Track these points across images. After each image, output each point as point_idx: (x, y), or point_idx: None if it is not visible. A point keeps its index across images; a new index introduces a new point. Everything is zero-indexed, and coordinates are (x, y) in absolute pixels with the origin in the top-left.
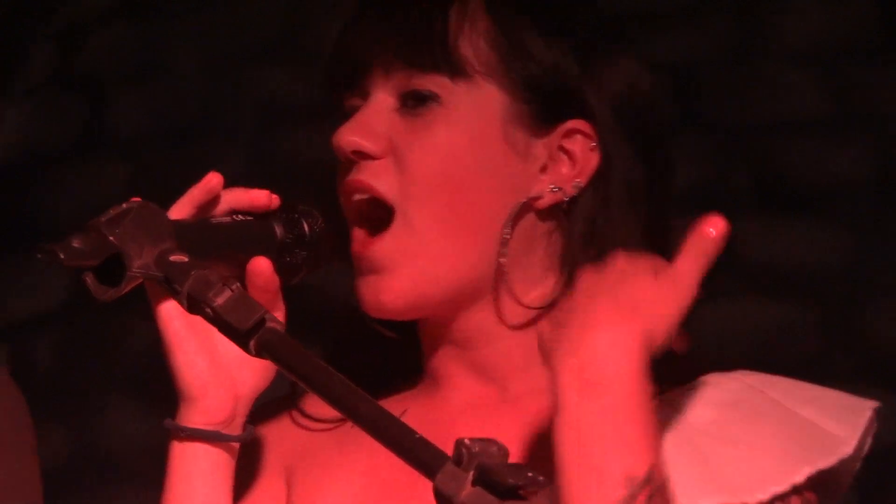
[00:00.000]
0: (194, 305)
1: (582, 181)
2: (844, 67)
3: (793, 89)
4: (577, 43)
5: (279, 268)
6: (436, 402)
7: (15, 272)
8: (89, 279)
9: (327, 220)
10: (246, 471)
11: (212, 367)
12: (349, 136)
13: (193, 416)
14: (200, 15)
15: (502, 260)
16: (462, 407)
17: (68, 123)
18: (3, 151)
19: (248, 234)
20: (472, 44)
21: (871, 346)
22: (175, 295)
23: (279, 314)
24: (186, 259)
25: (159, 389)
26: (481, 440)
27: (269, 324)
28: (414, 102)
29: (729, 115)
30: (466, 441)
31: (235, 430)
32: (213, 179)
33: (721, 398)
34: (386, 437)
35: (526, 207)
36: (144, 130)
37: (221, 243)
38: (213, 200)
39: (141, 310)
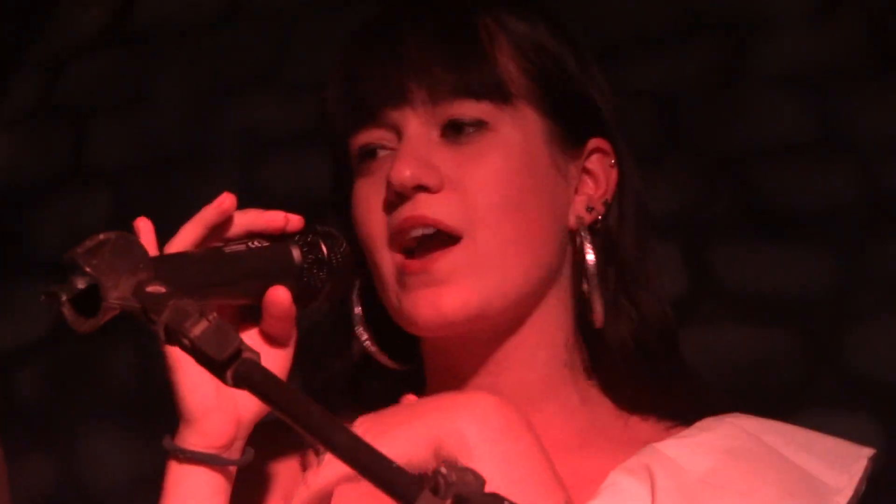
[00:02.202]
0: (171, 336)
1: (609, 198)
2: (827, 92)
3: (776, 114)
4: (577, 55)
5: (297, 294)
6: None
7: None
8: (66, 310)
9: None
10: (246, 496)
11: (215, 391)
12: (411, 171)
13: (193, 438)
14: (184, 45)
15: (561, 286)
16: None
17: (52, 153)
18: None
19: (265, 261)
20: (505, 68)
21: (852, 372)
22: (152, 325)
23: (291, 343)
24: (164, 290)
25: (141, 418)
26: (458, 468)
27: (246, 354)
28: (460, 131)
29: (712, 140)
30: (443, 469)
31: (235, 453)
32: (227, 201)
33: (717, 445)
34: (362, 467)
35: (568, 228)
36: (128, 160)
37: (237, 273)
38: (226, 222)
39: (123, 339)
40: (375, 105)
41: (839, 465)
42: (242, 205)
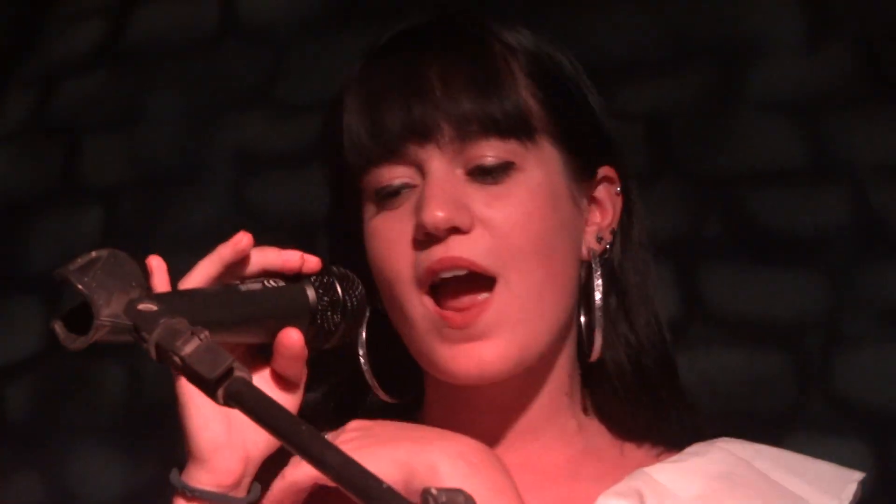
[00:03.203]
0: (162, 354)
1: (615, 226)
2: (819, 117)
3: (768, 138)
4: (584, 84)
5: (310, 335)
6: None
7: None
8: (58, 327)
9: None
10: None
11: (226, 429)
12: (444, 213)
13: (203, 477)
14: (176, 64)
15: (579, 318)
16: None
17: (44, 170)
18: None
19: (280, 301)
20: (526, 103)
21: (843, 396)
22: (143, 343)
23: (301, 383)
24: (155, 307)
25: (132, 436)
26: (448, 490)
27: (237, 373)
28: (488, 171)
29: (704, 164)
30: (433, 490)
31: (242, 491)
32: (244, 240)
33: (707, 470)
34: (352, 486)
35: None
36: (120, 178)
37: (252, 313)
38: (242, 260)
39: (114, 357)
40: (398, 140)
41: (829, 489)
42: (234, 223)
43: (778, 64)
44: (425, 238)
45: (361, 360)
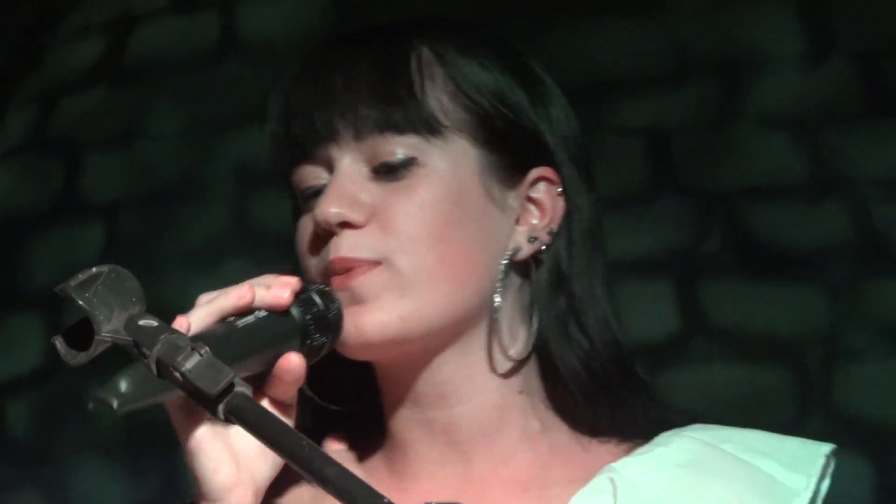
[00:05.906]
0: (163, 370)
1: (555, 227)
2: (820, 132)
3: (768, 153)
4: (525, 87)
5: (303, 354)
6: (401, 480)
7: None
8: (59, 343)
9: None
10: None
11: (235, 468)
12: (336, 209)
13: None
14: (177, 79)
15: (495, 315)
16: (427, 490)
17: (45, 186)
18: None
19: (273, 329)
20: (437, 99)
21: (844, 411)
22: (143, 359)
23: (294, 403)
24: (156, 323)
25: (132, 453)
26: None
27: (238, 388)
28: (390, 168)
29: (704, 179)
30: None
31: None
32: (247, 296)
33: (675, 459)
34: (353, 501)
35: (510, 260)
36: (121, 194)
37: (253, 347)
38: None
39: (114, 372)
40: (306, 142)
41: (797, 466)
42: (235, 239)
43: (778, 79)
44: (323, 233)
45: None
